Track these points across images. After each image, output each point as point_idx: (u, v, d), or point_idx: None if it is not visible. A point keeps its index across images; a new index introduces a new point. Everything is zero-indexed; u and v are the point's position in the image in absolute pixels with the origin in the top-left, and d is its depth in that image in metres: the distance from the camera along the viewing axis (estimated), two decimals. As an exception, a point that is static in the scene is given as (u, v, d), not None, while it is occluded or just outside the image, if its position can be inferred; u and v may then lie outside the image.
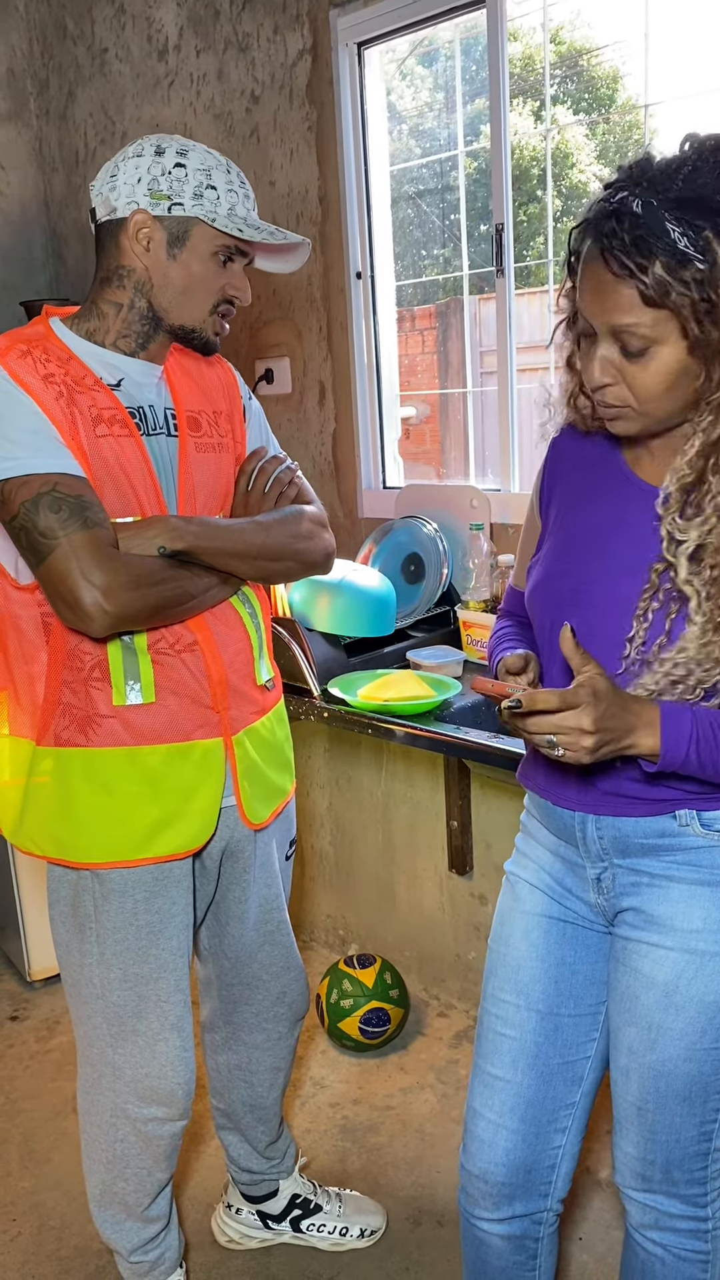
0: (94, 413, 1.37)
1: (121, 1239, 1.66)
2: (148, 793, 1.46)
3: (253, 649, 1.56)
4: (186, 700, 1.47)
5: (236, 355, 2.86)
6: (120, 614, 1.33)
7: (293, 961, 1.75)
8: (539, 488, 1.34)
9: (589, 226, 1.08)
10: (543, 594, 1.25)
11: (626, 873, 1.24)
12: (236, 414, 1.58)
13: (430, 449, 2.96)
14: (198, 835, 1.51)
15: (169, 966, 1.53)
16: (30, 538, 1.31)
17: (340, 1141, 2.16)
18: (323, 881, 2.88)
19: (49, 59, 3.18)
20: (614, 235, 1.04)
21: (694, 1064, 1.21)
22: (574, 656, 1.08)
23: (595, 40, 2.61)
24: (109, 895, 1.48)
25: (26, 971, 2.72)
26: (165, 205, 1.37)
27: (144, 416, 1.44)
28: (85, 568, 1.30)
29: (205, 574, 1.44)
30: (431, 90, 2.92)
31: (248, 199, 1.42)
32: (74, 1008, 1.56)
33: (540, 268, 2.42)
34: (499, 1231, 1.35)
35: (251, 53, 2.60)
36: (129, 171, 1.38)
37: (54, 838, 1.47)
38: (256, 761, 1.58)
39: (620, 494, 1.22)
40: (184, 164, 1.38)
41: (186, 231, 1.39)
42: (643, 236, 1.02)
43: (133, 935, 1.49)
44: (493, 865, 2.41)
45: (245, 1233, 1.91)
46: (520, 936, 1.34)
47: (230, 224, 1.39)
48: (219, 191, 1.39)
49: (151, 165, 1.38)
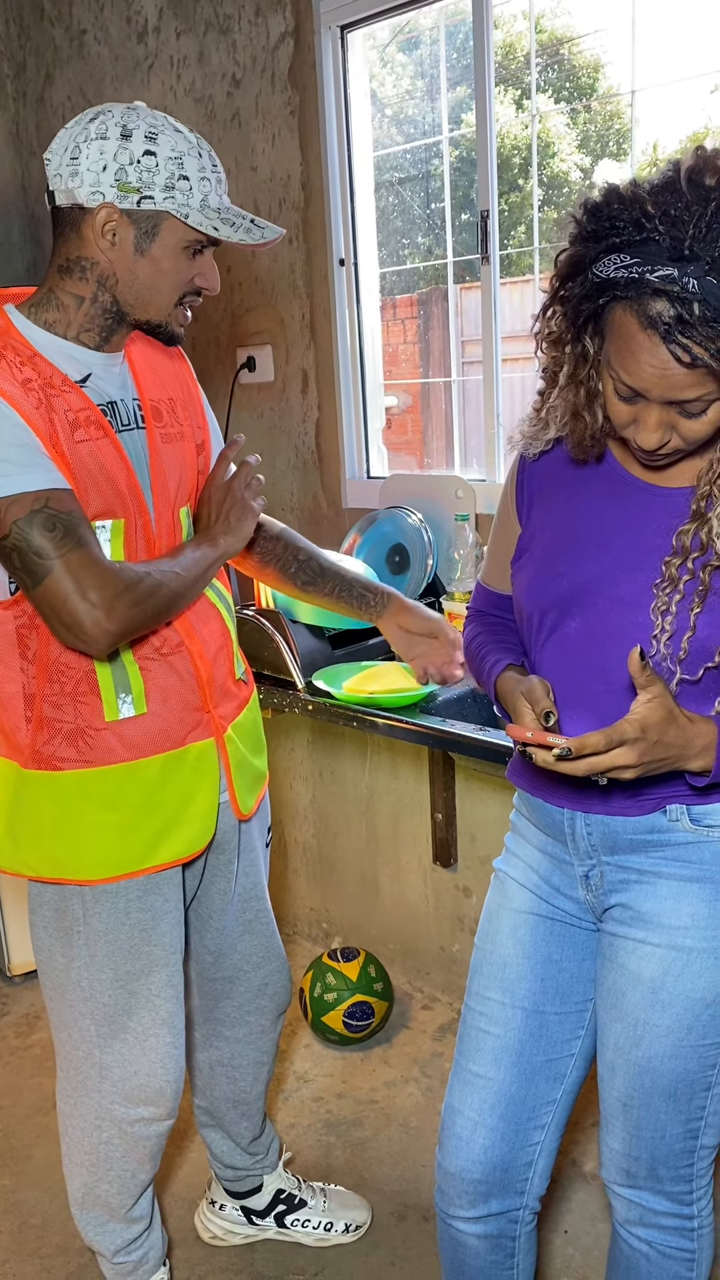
0: (70, 417, 1.32)
1: (104, 1241, 1.65)
2: (148, 803, 1.44)
3: (231, 642, 1.55)
4: (178, 706, 1.45)
5: (218, 343, 2.83)
6: (121, 630, 1.31)
7: (274, 951, 1.73)
8: (513, 487, 1.31)
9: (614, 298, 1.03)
10: (539, 594, 1.23)
11: (615, 869, 1.23)
12: (194, 401, 1.54)
13: (413, 438, 2.94)
14: (198, 838, 1.50)
15: (161, 962, 1.51)
16: (25, 559, 1.27)
17: (324, 1136, 2.15)
18: (306, 874, 2.87)
19: (26, 41, 3.12)
20: (680, 322, 0.98)
21: (680, 1061, 1.20)
22: (640, 677, 1.05)
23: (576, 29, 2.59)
24: (99, 898, 1.45)
25: (6, 966, 2.69)
26: (134, 199, 1.29)
27: (115, 412, 1.39)
28: (84, 587, 1.27)
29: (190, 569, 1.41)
30: (413, 78, 2.88)
31: (220, 183, 1.35)
32: (57, 1012, 1.53)
33: (522, 256, 2.40)
34: (475, 1231, 1.34)
35: (233, 35, 2.56)
36: (92, 156, 1.28)
37: (50, 859, 1.44)
38: (244, 753, 1.57)
39: (615, 492, 1.21)
40: (154, 151, 1.29)
41: (156, 226, 1.32)
42: (712, 322, 0.97)
43: (125, 934, 1.47)
44: (477, 858, 2.40)
45: (229, 1229, 1.90)
46: (508, 934, 1.33)
47: (204, 220, 1.32)
48: (191, 181, 1.31)
49: (118, 151, 1.28)
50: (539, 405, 1.24)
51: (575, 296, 1.07)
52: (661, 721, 1.05)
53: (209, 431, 1.56)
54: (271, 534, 1.69)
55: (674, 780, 1.17)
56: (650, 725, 1.04)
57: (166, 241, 1.33)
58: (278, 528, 1.71)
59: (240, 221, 1.35)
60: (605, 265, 1.02)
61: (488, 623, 1.39)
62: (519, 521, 1.30)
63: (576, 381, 1.14)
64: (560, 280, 1.09)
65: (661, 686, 1.06)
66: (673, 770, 1.12)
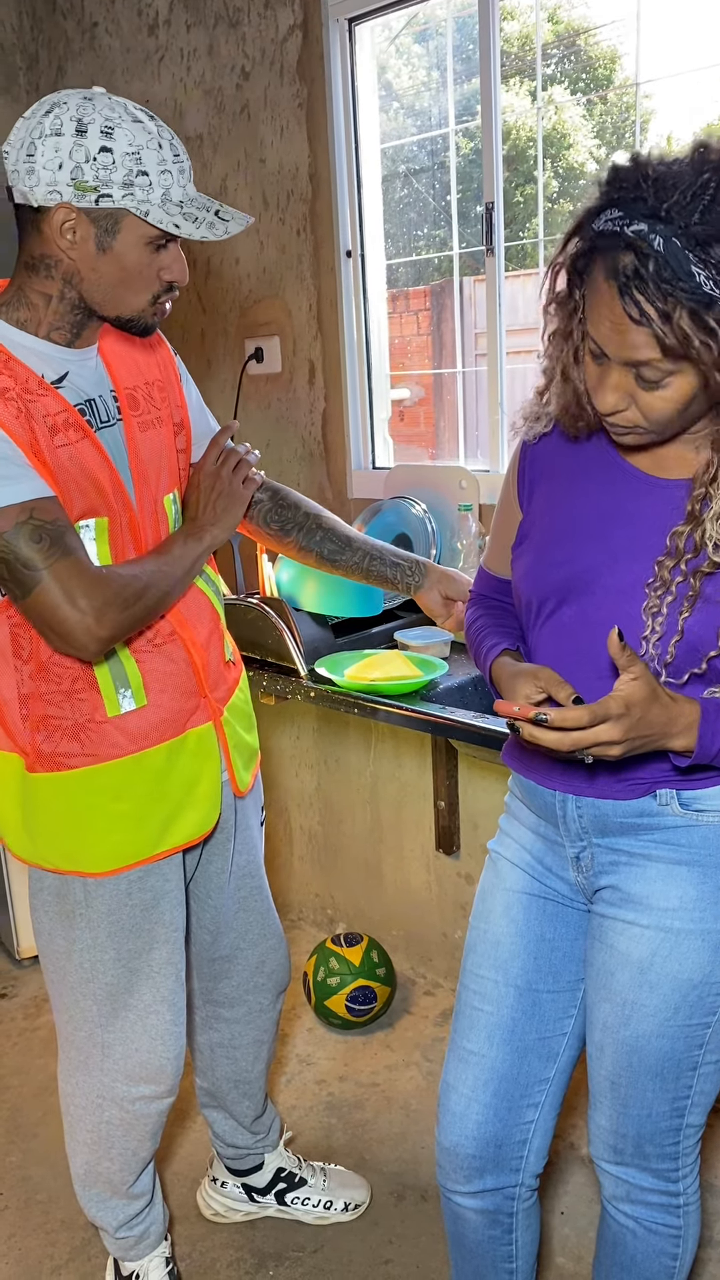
0: (49, 422, 1.31)
1: (107, 1216, 1.68)
2: (155, 792, 1.47)
3: (221, 626, 1.57)
4: (176, 694, 1.47)
5: (226, 334, 2.85)
6: (112, 635, 1.32)
7: (271, 929, 1.75)
8: (515, 472, 1.33)
9: (595, 249, 1.04)
10: (537, 581, 1.24)
11: (605, 851, 1.25)
12: (171, 380, 1.52)
13: (425, 431, 2.95)
14: (206, 820, 1.53)
15: (162, 940, 1.53)
16: (13, 570, 1.28)
17: (326, 1118, 2.18)
18: (311, 861, 2.89)
19: (39, 33, 3.15)
20: (635, 276, 0.99)
21: (667, 1040, 1.22)
22: (621, 657, 1.06)
23: (592, 19, 2.58)
24: (101, 882, 1.48)
25: (15, 949, 2.73)
26: (92, 197, 1.26)
27: (94, 410, 1.38)
28: (72, 595, 1.28)
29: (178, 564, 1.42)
30: (428, 69, 2.89)
31: (183, 173, 1.31)
32: (58, 994, 1.56)
33: (535, 249, 2.41)
34: (473, 1205, 1.37)
35: (242, 28, 2.58)
36: (48, 154, 1.25)
37: (65, 853, 1.47)
38: (239, 733, 1.59)
39: (613, 482, 1.22)
40: (110, 148, 1.25)
41: (116, 223, 1.29)
42: (667, 281, 0.98)
43: (126, 915, 1.50)
44: (479, 845, 2.42)
45: (230, 1206, 1.93)
46: (501, 913, 1.35)
47: (165, 217, 1.29)
48: (151, 176, 1.27)
49: (74, 149, 1.24)
50: (543, 385, 1.25)
51: (573, 252, 1.09)
52: (645, 699, 1.06)
53: (187, 410, 1.55)
54: (289, 501, 1.66)
55: (663, 764, 1.18)
56: (634, 702, 1.06)
57: (128, 238, 1.30)
58: (295, 496, 1.67)
59: (204, 215, 1.31)
60: (600, 220, 1.04)
61: (489, 606, 1.40)
62: (520, 507, 1.32)
63: (566, 338, 1.15)
64: (565, 237, 1.10)
65: (643, 667, 1.07)
66: (658, 751, 1.13)
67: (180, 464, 1.53)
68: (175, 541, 1.46)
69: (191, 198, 1.33)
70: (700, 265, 0.98)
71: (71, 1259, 1.88)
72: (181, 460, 1.54)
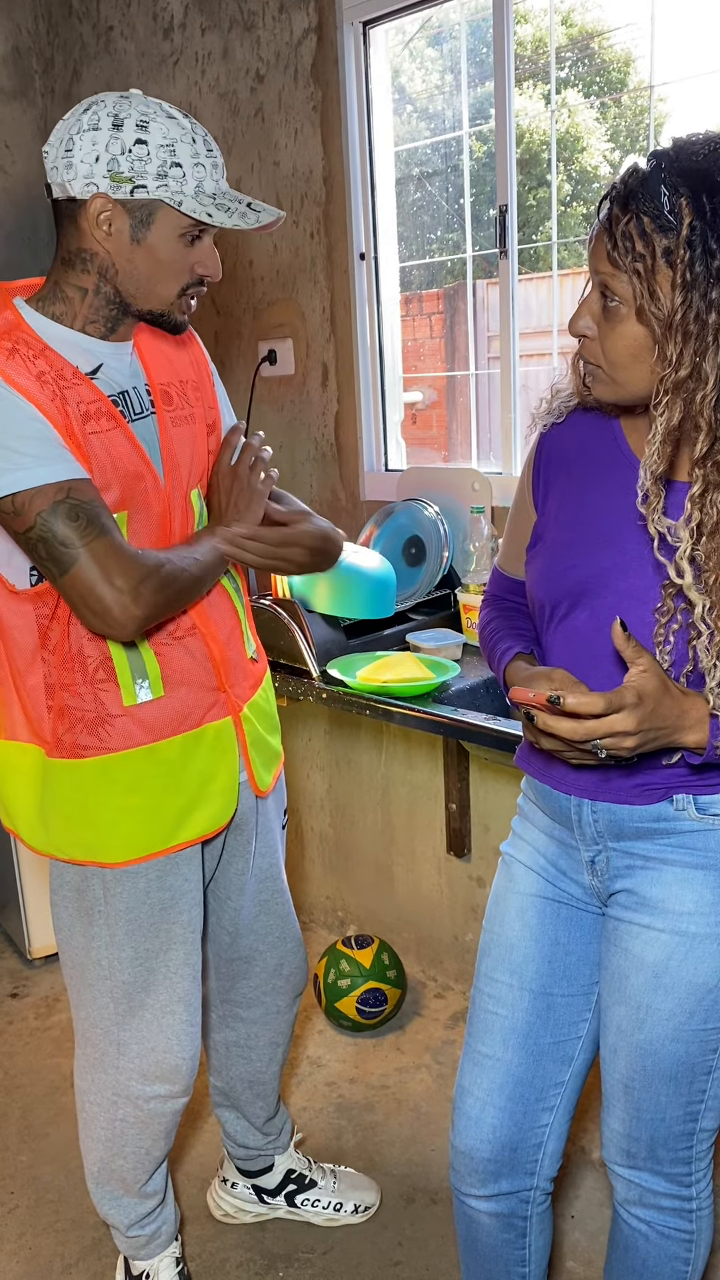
0: (82, 409, 1.33)
1: (119, 1214, 1.68)
2: (171, 784, 1.47)
3: (241, 623, 1.57)
4: (195, 687, 1.48)
5: (240, 336, 2.85)
6: (147, 615, 1.33)
7: (290, 932, 1.76)
8: (530, 473, 1.33)
9: None
10: (550, 584, 1.24)
11: (620, 855, 1.25)
12: (205, 381, 1.55)
13: (438, 434, 2.95)
14: (221, 814, 1.53)
15: (179, 940, 1.54)
16: (50, 548, 1.29)
17: (336, 1119, 2.18)
18: (322, 863, 2.90)
19: (54, 37, 3.16)
20: (614, 188, 1.06)
21: (681, 1045, 1.22)
22: (626, 649, 1.06)
23: (607, 23, 2.58)
24: (120, 879, 1.48)
25: (27, 949, 2.74)
26: (127, 188, 1.29)
27: (128, 401, 1.41)
28: (109, 574, 1.29)
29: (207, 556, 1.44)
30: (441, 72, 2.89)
31: (215, 168, 1.34)
32: (76, 990, 1.56)
33: (549, 252, 2.41)
34: (487, 1209, 1.37)
35: (257, 31, 2.59)
36: (85, 148, 1.28)
37: (79, 842, 1.47)
38: (260, 732, 1.60)
39: (626, 483, 1.21)
40: (145, 140, 1.28)
41: (151, 215, 1.31)
42: (635, 192, 1.04)
43: (144, 914, 1.50)
44: (491, 848, 2.41)
45: (241, 1207, 1.93)
46: (514, 917, 1.34)
47: (198, 207, 1.31)
48: (185, 168, 1.30)
49: (110, 141, 1.28)
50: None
51: None
52: (656, 690, 1.06)
53: (219, 412, 1.57)
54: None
55: (679, 768, 1.18)
56: (647, 693, 1.06)
57: (162, 230, 1.32)
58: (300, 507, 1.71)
59: (236, 206, 1.34)
60: None
61: (503, 608, 1.40)
62: (535, 508, 1.32)
63: None
64: None
65: (650, 659, 1.07)
66: (674, 754, 1.13)
67: (211, 464, 1.55)
68: (205, 535, 1.48)
69: (224, 191, 1.35)
70: (668, 188, 1.02)
71: (82, 1258, 1.88)
72: (211, 460, 1.55)
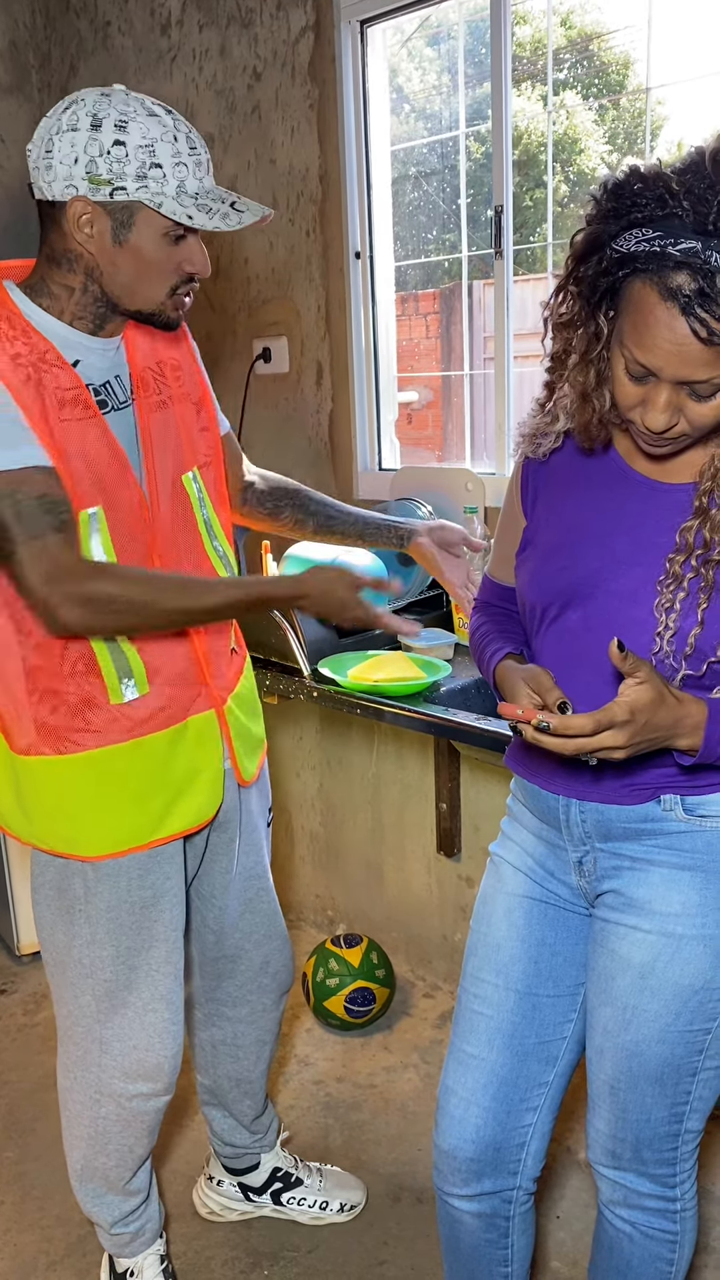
0: (59, 395, 1.32)
1: (103, 1212, 1.68)
2: (154, 778, 1.47)
3: None
4: (178, 682, 1.47)
5: (234, 334, 2.85)
6: (75, 627, 1.33)
7: (275, 930, 1.75)
8: (518, 481, 1.33)
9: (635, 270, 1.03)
10: (541, 586, 1.24)
11: (608, 856, 1.25)
12: (190, 364, 1.53)
13: (433, 434, 2.95)
14: (206, 807, 1.53)
15: (161, 938, 1.54)
16: None
17: (323, 1118, 2.18)
18: (312, 861, 2.89)
19: (51, 32, 3.15)
20: (700, 295, 0.98)
21: (666, 1046, 1.22)
22: (624, 665, 1.06)
23: (605, 24, 2.58)
24: (101, 878, 1.48)
25: (15, 946, 2.73)
26: (106, 190, 1.27)
27: (110, 391, 1.39)
28: (40, 575, 1.29)
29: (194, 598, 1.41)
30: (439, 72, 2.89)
31: (199, 165, 1.31)
32: (58, 988, 1.56)
33: (545, 253, 2.41)
34: (469, 1209, 1.36)
35: (254, 29, 2.58)
36: (64, 149, 1.27)
37: (61, 836, 1.47)
38: (243, 721, 1.59)
39: (617, 487, 1.22)
40: (124, 141, 1.26)
41: (131, 216, 1.29)
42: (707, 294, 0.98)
43: (126, 912, 1.50)
44: (480, 848, 2.42)
45: (226, 1205, 1.93)
46: (502, 917, 1.35)
47: (179, 208, 1.29)
48: (165, 169, 1.27)
49: (88, 143, 1.26)
50: (544, 399, 1.25)
51: (591, 274, 1.07)
52: (651, 703, 1.06)
53: (207, 389, 1.56)
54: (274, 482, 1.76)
55: (667, 769, 1.19)
56: (640, 708, 1.05)
57: (144, 231, 1.31)
58: (277, 478, 1.77)
59: (218, 207, 1.31)
60: (626, 240, 1.03)
61: (493, 614, 1.40)
62: (524, 515, 1.32)
63: (587, 362, 1.13)
64: (576, 260, 1.09)
65: (649, 669, 1.07)
66: (664, 755, 1.13)
67: (204, 442, 1.53)
68: (220, 582, 1.47)
69: (208, 190, 1.33)
70: None
71: (67, 1255, 1.88)
72: (205, 438, 1.53)
